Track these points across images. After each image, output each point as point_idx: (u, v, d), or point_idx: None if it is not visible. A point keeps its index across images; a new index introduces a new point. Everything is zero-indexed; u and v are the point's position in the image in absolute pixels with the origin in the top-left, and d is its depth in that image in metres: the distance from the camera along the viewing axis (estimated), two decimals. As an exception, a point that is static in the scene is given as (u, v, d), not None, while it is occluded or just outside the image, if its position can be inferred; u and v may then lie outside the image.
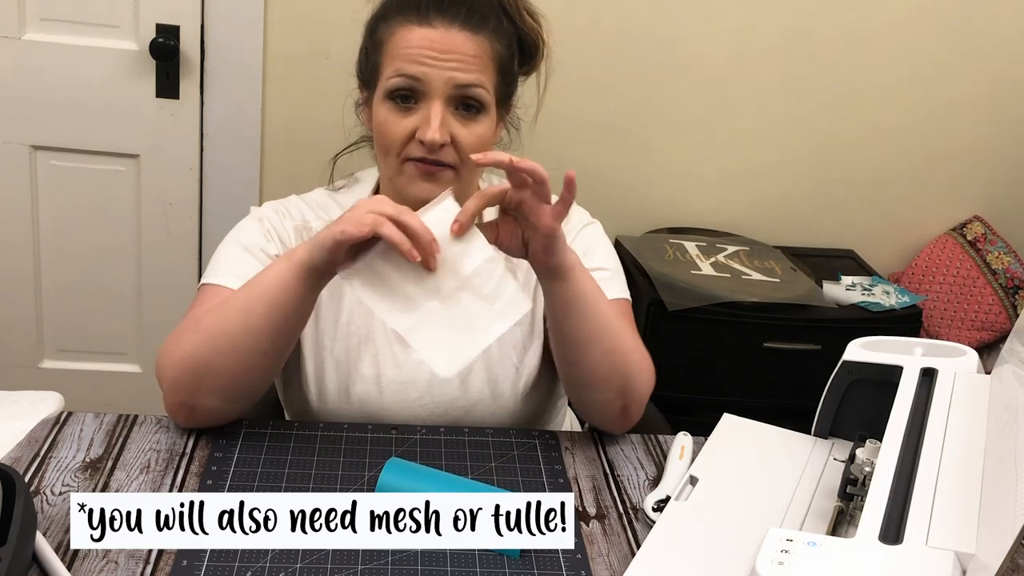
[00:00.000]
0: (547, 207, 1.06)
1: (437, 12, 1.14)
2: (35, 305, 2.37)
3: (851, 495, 1.04)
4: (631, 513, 1.11)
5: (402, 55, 1.14)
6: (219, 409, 1.15)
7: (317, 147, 2.22)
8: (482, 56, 1.16)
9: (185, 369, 1.11)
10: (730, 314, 2.12)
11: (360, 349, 1.27)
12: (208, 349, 1.10)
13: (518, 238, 1.10)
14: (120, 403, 2.40)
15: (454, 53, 1.14)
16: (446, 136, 1.14)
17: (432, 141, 1.13)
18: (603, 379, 1.18)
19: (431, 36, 1.13)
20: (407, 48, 1.14)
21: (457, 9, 1.15)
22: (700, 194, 2.45)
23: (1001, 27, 2.36)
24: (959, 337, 2.40)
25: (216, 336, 1.10)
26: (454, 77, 1.14)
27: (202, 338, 1.11)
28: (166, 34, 2.17)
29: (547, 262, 1.10)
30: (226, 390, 1.12)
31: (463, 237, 1.05)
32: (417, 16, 1.15)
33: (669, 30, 2.29)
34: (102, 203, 2.30)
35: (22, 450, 1.12)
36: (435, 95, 1.14)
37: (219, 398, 1.13)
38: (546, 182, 1.05)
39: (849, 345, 1.23)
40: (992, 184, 2.52)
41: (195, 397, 1.13)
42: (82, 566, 0.94)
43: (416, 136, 1.15)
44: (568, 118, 2.28)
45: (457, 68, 1.14)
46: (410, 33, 1.14)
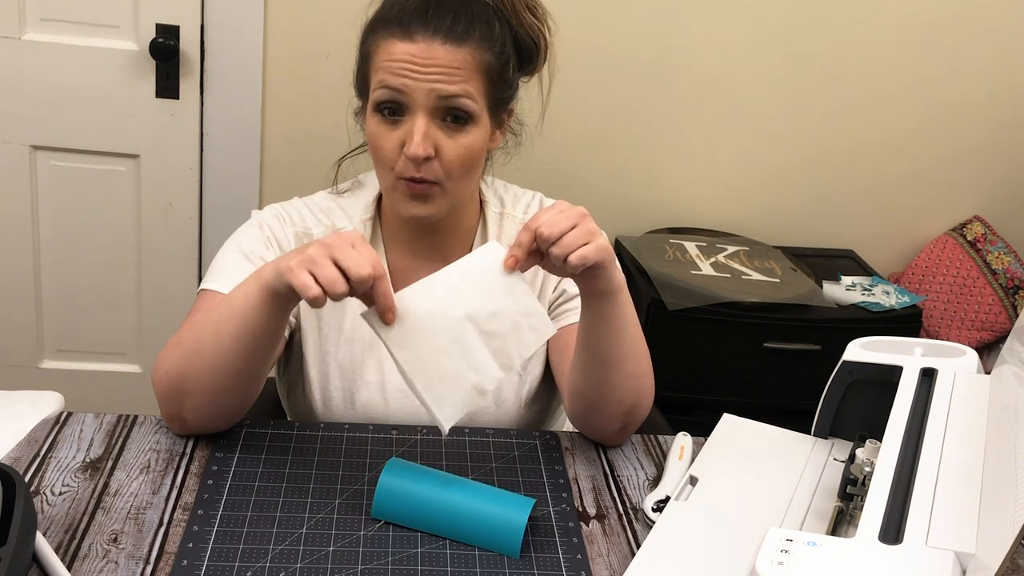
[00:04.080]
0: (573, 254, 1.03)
1: (419, 25, 1.13)
2: (35, 305, 2.37)
3: (851, 495, 1.04)
4: (631, 513, 1.11)
5: (385, 67, 1.14)
6: (209, 423, 1.15)
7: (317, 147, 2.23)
8: (466, 67, 1.14)
9: (170, 385, 1.12)
10: (730, 314, 2.12)
11: (364, 356, 1.27)
12: (187, 368, 1.10)
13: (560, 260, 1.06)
14: (120, 403, 2.40)
15: (436, 66, 1.13)
16: (429, 150, 1.13)
17: (415, 155, 1.12)
18: (616, 401, 1.17)
19: (412, 49, 1.13)
20: (389, 61, 1.14)
21: (440, 21, 1.14)
22: (700, 194, 2.45)
23: (1001, 28, 2.36)
24: (959, 337, 2.40)
25: (193, 354, 1.10)
26: (436, 88, 1.13)
27: (182, 354, 1.10)
28: (166, 34, 2.17)
29: (594, 286, 1.09)
30: (207, 407, 1.12)
31: (507, 286, 1.04)
32: (400, 29, 1.14)
33: (670, 31, 2.29)
34: (102, 203, 2.30)
35: (22, 450, 1.12)
36: (418, 108, 1.13)
37: (202, 414, 1.13)
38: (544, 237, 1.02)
39: (849, 345, 1.23)
40: (992, 184, 2.52)
41: (181, 411, 1.13)
42: (82, 566, 0.94)
43: (404, 151, 1.14)
44: (569, 119, 2.28)
45: (439, 80, 1.13)
46: (393, 47, 1.14)
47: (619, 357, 1.14)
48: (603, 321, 1.11)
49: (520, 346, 1.04)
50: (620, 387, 1.16)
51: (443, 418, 1.01)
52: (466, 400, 1.02)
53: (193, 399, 1.11)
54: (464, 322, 1.02)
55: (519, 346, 1.04)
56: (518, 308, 1.04)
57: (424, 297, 1.01)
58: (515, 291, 1.04)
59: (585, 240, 1.03)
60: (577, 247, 1.03)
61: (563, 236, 1.03)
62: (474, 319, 1.02)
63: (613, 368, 1.15)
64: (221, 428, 1.17)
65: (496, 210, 1.31)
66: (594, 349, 1.14)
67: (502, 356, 1.03)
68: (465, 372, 1.02)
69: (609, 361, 1.14)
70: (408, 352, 1.00)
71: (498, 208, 1.32)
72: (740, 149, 2.42)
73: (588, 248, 1.03)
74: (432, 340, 1.01)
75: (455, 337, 1.01)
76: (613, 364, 1.15)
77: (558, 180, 2.29)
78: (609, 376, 1.15)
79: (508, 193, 1.34)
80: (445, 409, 1.01)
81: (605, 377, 1.15)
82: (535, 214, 1.04)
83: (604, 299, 1.10)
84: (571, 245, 1.03)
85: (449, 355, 1.01)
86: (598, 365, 1.15)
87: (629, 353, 1.15)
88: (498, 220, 1.31)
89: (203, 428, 1.15)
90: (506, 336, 1.03)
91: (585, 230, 1.04)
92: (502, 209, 1.32)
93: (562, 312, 1.29)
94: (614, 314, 1.11)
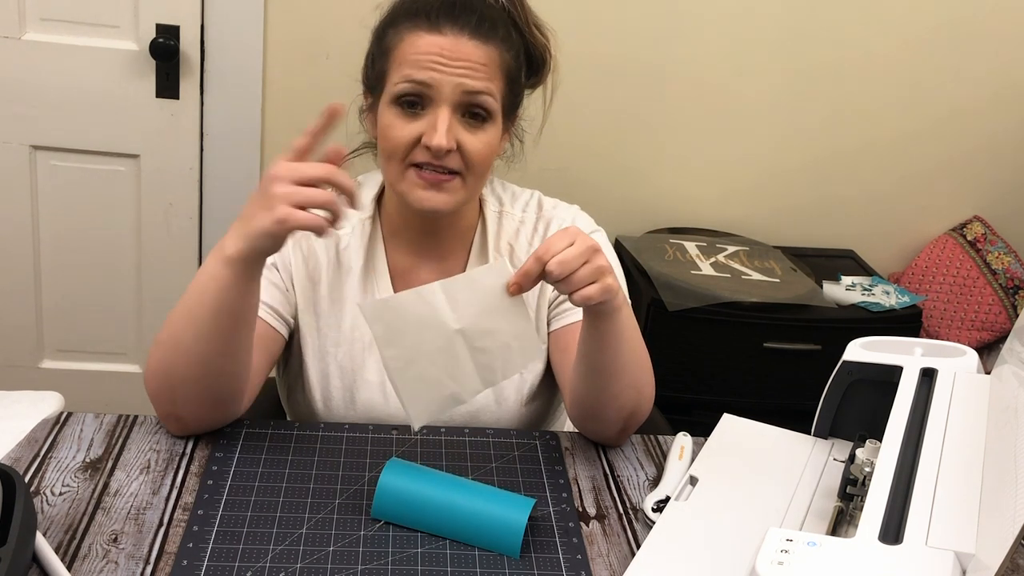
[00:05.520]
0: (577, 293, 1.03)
1: (447, 19, 1.14)
2: (35, 305, 2.37)
3: (851, 495, 1.04)
4: (631, 513, 1.11)
5: (410, 61, 1.14)
6: (205, 416, 1.14)
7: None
8: (491, 64, 1.15)
9: (158, 383, 1.11)
10: (730, 314, 2.12)
11: (364, 355, 1.27)
12: (169, 361, 1.09)
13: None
14: (120, 403, 2.40)
15: (464, 60, 1.13)
16: (452, 142, 1.13)
17: (439, 147, 1.12)
18: (617, 409, 1.17)
19: (441, 43, 1.13)
20: (416, 54, 1.14)
21: (468, 17, 1.14)
22: (700, 194, 2.45)
23: (1001, 29, 2.36)
24: (959, 337, 2.40)
25: (173, 347, 1.09)
26: (463, 83, 1.13)
27: (162, 350, 1.10)
28: (166, 34, 2.17)
29: (594, 309, 1.08)
30: (200, 396, 1.11)
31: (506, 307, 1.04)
32: (427, 23, 1.14)
33: (671, 32, 2.29)
34: (102, 203, 2.30)
35: (22, 450, 1.12)
36: (443, 101, 1.13)
37: (197, 405, 1.12)
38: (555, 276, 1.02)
39: (849, 345, 1.23)
40: (992, 184, 2.52)
41: (175, 407, 1.12)
42: (82, 566, 0.94)
43: (422, 142, 1.14)
44: (570, 119, 2.27)
45: (466, 75, 1.13)
46: (419, 39, 1.14)
47: (618, 368, 1.14)
48: (602, 336, 1.11)
49: (506, 365, 1.05)
50: (619, 396, 1.16)
51: (414, 416, 1.02)
52: (441, 405, 1.03)
53: (183, 391, 1.10)
54: (456, 335, 1.02)
55: (505, 365, 1.05)
56: (512, 330, 1.04)
57: (422, 302, 1.02)
58: (513, 313, 1.04)
59: (592, 279, 1.03)
60: (583, 286, 1.03)
61: (572, 275, 1.02)
62: (466, 334, 1.03)
63: (612, 378, 1.15)
64: (218, 422, 1.16)
65: (495, 209, 1.31)
66: (593, 360, 1.14)
67: (486, 372, 1.04)
68: (445, 381, 1.03)
69: (608, 372, 1.14)
70: (394, 350, 1.01)
71: (497, 207, 1.32)
72: (740, 149, 2.42)
73: (593, 288, 1.03)
74: (420, 345, 1.02)
75: (443, 347, 1.02)
76: (612, 375, 1.15)
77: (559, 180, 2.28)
78: (608, 386, 1.15)
79: (507, 192, 1.34)
80: (418, 407, 1.02)
81: (604, 386, 1.15)
82: (546, 242, 1.03)
83: (604, 318, 1.09)
84: (577, 284, 1.03)
85: (433, 362, 1.02)
86: (597, 375, 1.15)
87: (628, 364, 1.15)
88: (497, 219, 1.31)
89: (200, 423, 1.15)
90: (494, 354, 1.04)
91: (593, 268, 1.03)
92: (501, 208, 1.32)
93: (563, 311, 1.29)
94: (613, 330, 1.11)
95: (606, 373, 1.14)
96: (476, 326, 1.03)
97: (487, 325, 1.03)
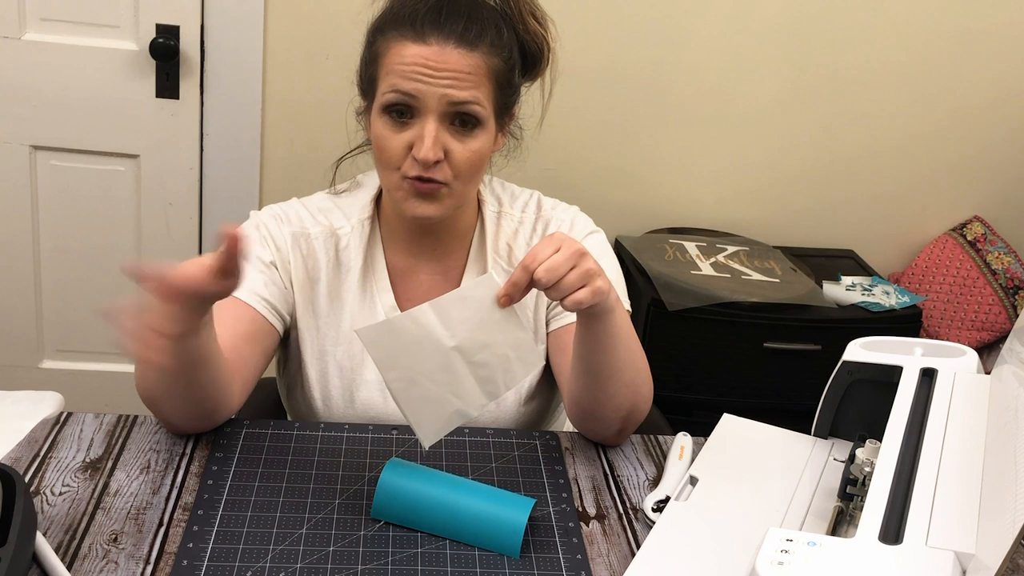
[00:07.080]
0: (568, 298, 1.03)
1: (432, 28, 1.13)
2: (35, 305, 2.36)
3: (851, 495, 1.04)
4: (631, 513, 1.11)
5: (396, 71, 1.14)
6: (195, 423, 1.15)
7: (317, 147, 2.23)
8: (478, 72, 1.14)
9: (142, 395, 1.13)
10: (730, 314, 2.12)
11: (363, 355, 1.27)
12: (147, 377, 1.10)
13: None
14: (120, 403, 2.40)
15: (449, 70, 1.12)
16: (439, 154, 1.13)
17: (425, 159, 1.12)
18: (614, 409, 1.18)
19: (425, 53, 1.12)
20: (401, 64, 1.13)
21: (453, 25, 1.13)
22: (700, 194, 2.45)
23: (1001, 31, 2.36)
24: (959, 337, 2.40)
25: (142, 374, 1.11)
26: (448, 94, 1.13)
27: (139, 371, 1.11)
28: (166, 34, 2.17)
29: (586, 311, 1.08)
30: (181, 409, 1.12)
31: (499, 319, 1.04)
32: (412, 31, 1.13)
33: (671, 33, 2.29)
34: (102, 203, 2.30)
35: (22, 450, 1.12)
36: (429, 112, 1.13)
37: (179, 416, 1.13)
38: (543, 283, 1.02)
39: (849, 345, 1.23)
40: (992, 184, 2.52)
41: (162, 416, 1.14)
42: (82, 566, 0.94)
43: (412, 153, 1.14)
44: (569, 118, 2.28)
45: (451, 85, 1.13)
46: (405, 49, 1.13)
47: (614, 369, 1.14)
48: (596, 337, 1.11)
49: (507, 376, 1.05)
50: (616, 396, 1.16)
51: (422, 435, 1.04)
52: (447, 422, 1.04)
53: (164, 405, 1.12)
54: (453, 352, 1.03)
55: (506, 376, 1.05)
56: (508, 340, 1.04)
57: (416, 324, 1.02)
58: (507, 324, 1.04)
59: (581, 283, 1.03)
60: (573, 291, 1.03)
61: (560, 280, 1.02)
62: (463, 350, 1.03)
63: (608, 379, 1.15)
64: (210, 426, 1.16)
65: (494, 209, 1.31)
66: (588, 361, 1.14)
67: (488, 385, 1.05)
68: (449, 398, 1.03)
69: (604, 373, 1.14)
70: (395, 373, 1.02)
71: (496, 207, 1.32)
72: (740, 149, 2.41)
73: (583, 292, 1.03)
74: (419, 365, 1.02)
75: (442, 365, 1.03)
76: (608, 376, 1.15)
77: (559, 180, 2.29)
78: (604, 386, 1.16)
79: (506, 192, 1.34)
80: (425, 427, 1.03)
81: (601, 386, 1.16)
82: (532, 250, 1.03)
83: (596, 320, 1.10)
84: (567, 289, 1.03)
85: (434, 381, 1.03)
86: (593, 376, 1.15)
87: (624, 365, 1.15)
88: (496, 219, 1.31)
89: (192, 428, 1.16)
90: (494, 367, 1.04)
91: (582, 272, 1.03)
92: (500, 208, 1.32)
93: (560, 312, 1.29)
94: (607, 331, 1.11)
95: (602, 374, 1.14)
96: (471, 341, 1.03)
97: (482, 339, 1.03)
